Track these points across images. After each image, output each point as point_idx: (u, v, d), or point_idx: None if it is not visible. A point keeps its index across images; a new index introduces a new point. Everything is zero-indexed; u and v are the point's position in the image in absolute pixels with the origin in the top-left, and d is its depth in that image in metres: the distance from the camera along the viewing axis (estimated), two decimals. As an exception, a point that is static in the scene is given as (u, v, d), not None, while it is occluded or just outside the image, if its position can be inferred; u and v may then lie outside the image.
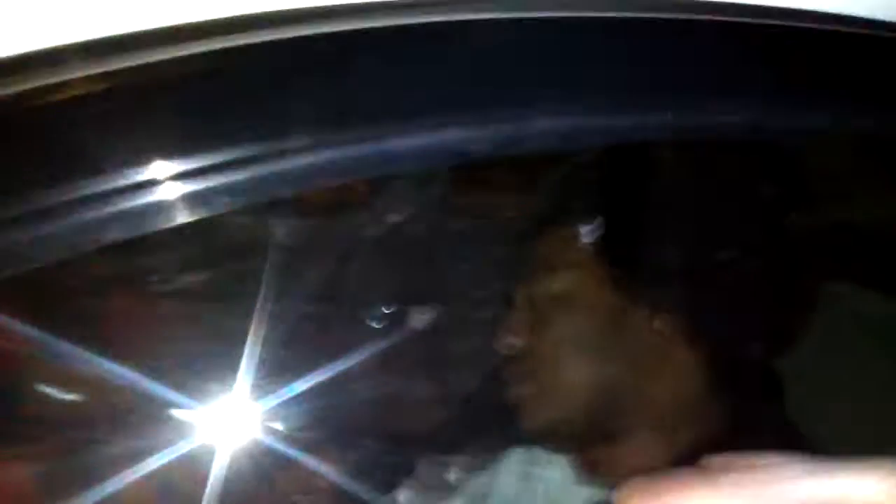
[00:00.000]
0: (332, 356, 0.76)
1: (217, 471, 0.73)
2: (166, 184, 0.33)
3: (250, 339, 0.70)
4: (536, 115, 0.37)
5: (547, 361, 0.78)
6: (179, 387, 0.75)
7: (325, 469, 0.78)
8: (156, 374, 0.77)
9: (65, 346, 0.71)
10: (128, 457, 0.83)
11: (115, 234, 0.32)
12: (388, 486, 0.86)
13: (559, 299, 0.78)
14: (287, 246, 0.79)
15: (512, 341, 0.80)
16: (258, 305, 0.72)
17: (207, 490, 0.78)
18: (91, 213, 0.32)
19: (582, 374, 0.77)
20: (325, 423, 0.77)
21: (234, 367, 0.71)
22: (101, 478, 0.74)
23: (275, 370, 0.72)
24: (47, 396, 1.08)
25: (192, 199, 0.33)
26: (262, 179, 0.33)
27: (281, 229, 0.86)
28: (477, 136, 0.35)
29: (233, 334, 0.74)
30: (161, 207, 0.33)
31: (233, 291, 0.81)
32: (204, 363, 0.75)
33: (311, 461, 0.78)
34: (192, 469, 0.77)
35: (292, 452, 0.77)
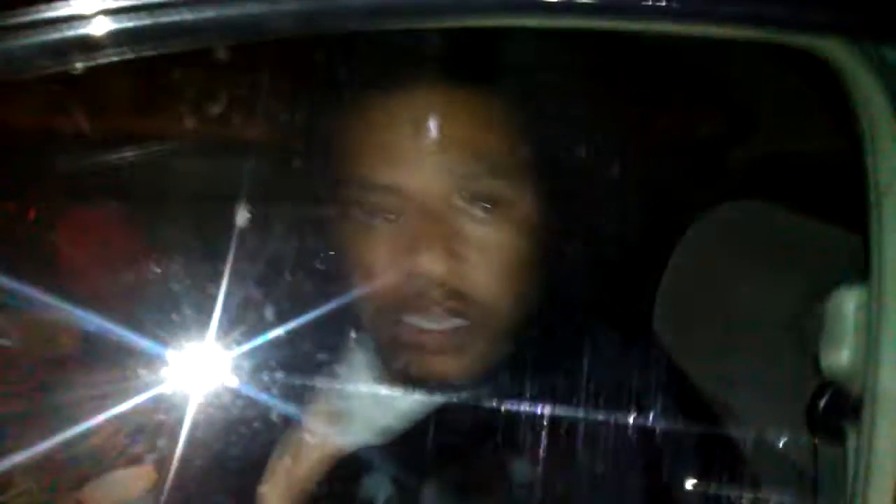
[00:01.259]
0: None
1: (187, 414, 0.71)
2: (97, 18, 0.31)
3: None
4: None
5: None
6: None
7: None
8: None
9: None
10: (98, 398, 0.83)
11: (43, 64, 0.30)
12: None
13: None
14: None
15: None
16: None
17: (179, 432, 0.77)
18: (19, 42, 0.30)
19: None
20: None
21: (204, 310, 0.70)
22: (73, 420, 0.74)
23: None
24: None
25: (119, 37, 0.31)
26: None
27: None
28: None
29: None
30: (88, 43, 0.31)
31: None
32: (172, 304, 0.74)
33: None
34: (164, 412, 0.77)
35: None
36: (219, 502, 0.74)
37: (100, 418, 0.78)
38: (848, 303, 0.54)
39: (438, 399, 0.65)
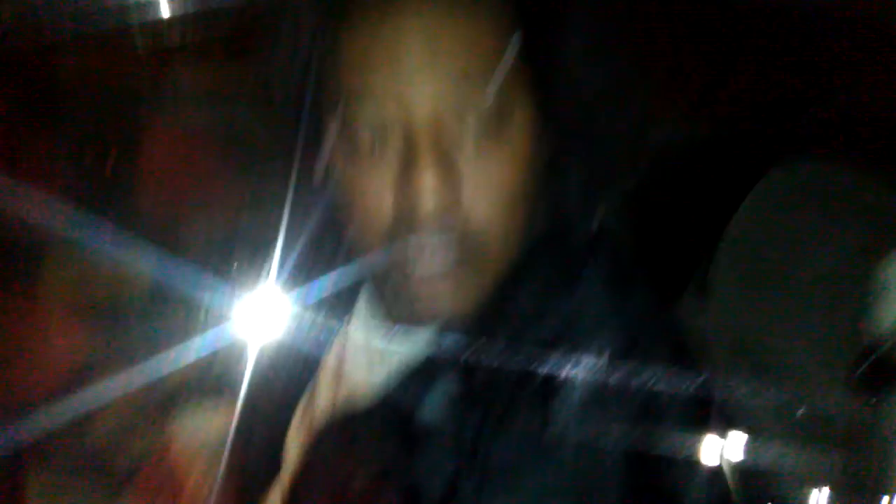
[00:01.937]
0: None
1: (248, 359, 0.74)
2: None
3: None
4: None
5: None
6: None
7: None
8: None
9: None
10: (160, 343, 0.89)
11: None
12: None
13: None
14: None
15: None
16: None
17: (240, 377, 0.82)
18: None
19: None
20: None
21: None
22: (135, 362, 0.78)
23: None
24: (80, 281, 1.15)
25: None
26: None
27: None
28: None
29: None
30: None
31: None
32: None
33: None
34: (225, 356, 0.80)
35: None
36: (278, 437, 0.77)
37: (174, 357, 0.82)
38: (896, 268, 0.55)
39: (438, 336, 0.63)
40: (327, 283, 0.69)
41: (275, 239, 0.68)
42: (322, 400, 0.70)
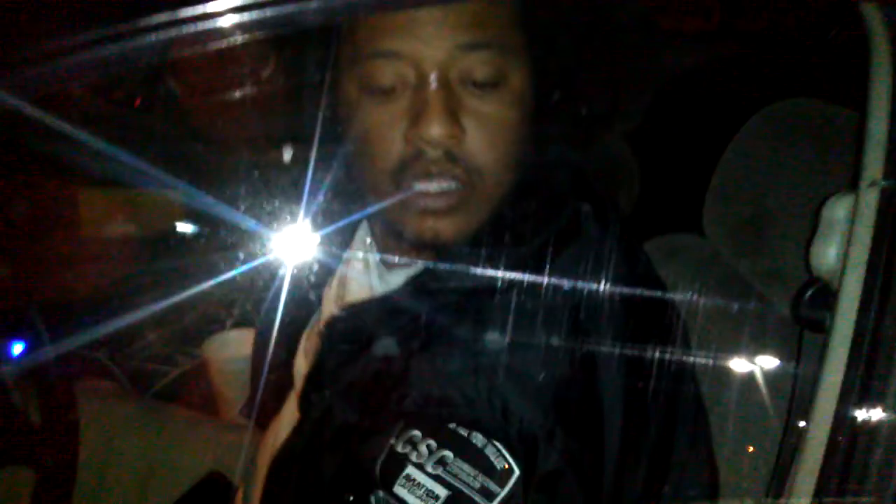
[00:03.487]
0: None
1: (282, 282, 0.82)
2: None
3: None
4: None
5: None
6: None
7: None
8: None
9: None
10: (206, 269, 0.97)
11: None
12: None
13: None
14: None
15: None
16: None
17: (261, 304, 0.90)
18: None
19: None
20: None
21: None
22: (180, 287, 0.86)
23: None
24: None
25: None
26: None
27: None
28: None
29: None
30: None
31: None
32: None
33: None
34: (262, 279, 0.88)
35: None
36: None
37: (209, 284, 0.90)
38: (840, 208, 0.59)
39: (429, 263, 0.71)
40: (338, 218, 0.77)
41: (299, 180, 0.75)
42: (324, 320, 0.78)
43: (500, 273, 0.68)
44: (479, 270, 0.68)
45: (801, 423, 0.59)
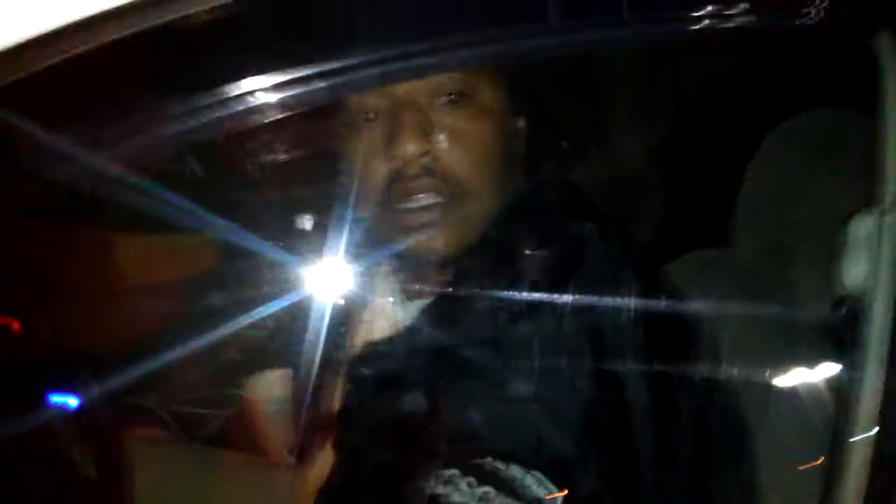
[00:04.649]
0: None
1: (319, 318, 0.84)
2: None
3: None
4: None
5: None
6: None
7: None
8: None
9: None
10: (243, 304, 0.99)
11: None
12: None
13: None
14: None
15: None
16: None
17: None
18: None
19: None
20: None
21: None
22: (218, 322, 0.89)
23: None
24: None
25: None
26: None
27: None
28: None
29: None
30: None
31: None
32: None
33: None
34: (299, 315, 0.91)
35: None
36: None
37: (244, 323, 0.93)
38: (866, 226, 0.60)
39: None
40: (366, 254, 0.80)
41: (323, 215, 0.80)
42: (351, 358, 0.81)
43: (504, 295, 0.71)
44: (486, 294, 0.71)
45: (843, 439, 0.60)
